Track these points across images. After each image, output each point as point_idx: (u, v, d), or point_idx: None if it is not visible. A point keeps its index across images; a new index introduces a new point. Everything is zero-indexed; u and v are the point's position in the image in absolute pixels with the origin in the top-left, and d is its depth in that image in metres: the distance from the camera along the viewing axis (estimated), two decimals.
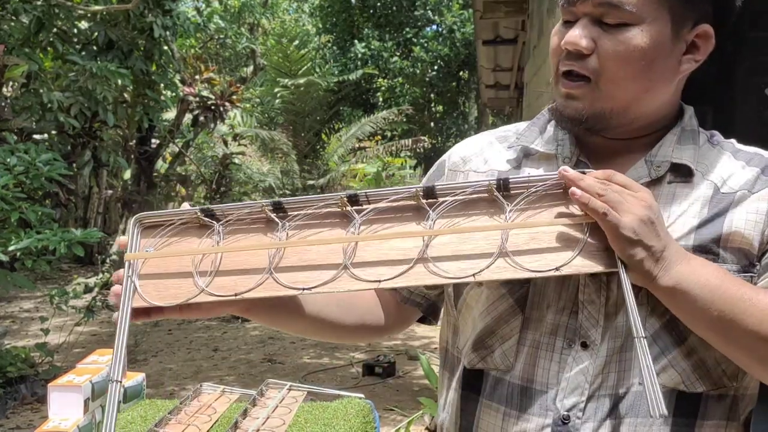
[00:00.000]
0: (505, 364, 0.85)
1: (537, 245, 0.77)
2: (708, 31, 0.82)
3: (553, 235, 0.77)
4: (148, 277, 0.82)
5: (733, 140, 0.91)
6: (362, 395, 1.60)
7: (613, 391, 0.80)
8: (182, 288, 0.81)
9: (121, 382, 0.78)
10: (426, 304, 1.02)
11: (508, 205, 0.78)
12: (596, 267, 0.75)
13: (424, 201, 0.80)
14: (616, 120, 0.82)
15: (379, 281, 0.78)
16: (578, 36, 0.79)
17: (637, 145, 0.85)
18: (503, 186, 0.78)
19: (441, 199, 0.80)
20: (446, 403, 0.94)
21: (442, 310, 1.03)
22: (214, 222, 0.83)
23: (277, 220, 0.82)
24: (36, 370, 4.59)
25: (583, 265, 0.75)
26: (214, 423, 1.41)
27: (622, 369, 0.80)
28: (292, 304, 0.91)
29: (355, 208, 0.81)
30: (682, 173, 0.83)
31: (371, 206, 0.81)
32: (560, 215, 0.78)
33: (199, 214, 0.83)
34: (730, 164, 0.85)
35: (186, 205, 0.85)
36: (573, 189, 0.74)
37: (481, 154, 0.94)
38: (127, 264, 0.80)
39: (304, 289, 0.79)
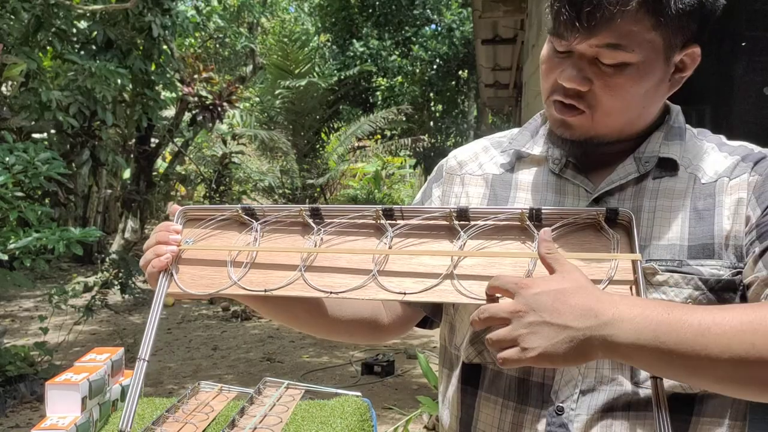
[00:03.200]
0: None
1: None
2: (696, 51, 0.84)
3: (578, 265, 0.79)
4: (186, 263, 0.86)
5: (721, 136, 0.92)
6: (359, 393, 1.61)
7: (607, 386, 0.82)
8: (215, 279, 0.85)
9: (147, 360, 0.82)
10: (430, 305, 1.04)
11: (537, 234, 0.79)
12: None
13: (456, 222, 0.83)
14: (608, 140, 0.86)
15: (405, 293, 0.80)
16: (576, 77, 0.80)
17: (625, 145, 0.88)
18: (535, 215, 0.81)
19: (473, 222, 0.83)
20: (446, 398, 0.97)
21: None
22: (253, 220, 0.88)
23: (313, 224, 0.86)
24: (35, 368, 4.60)
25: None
26: (212, 421, 1.42)
27: (617, 365, 0.82)
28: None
29: (389, 221, 0.85)
30: (668, 168, 0.86)
31: (404, 222, 0.85)
32: (587, 249, 0.79)
33: (240, 211, 0.87)
34: (713, 156, 0.87)
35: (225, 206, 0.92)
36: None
37: (476, 158, 0.98)
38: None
39: (331, 292, 0.81)
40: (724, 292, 0.79)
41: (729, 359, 0.66)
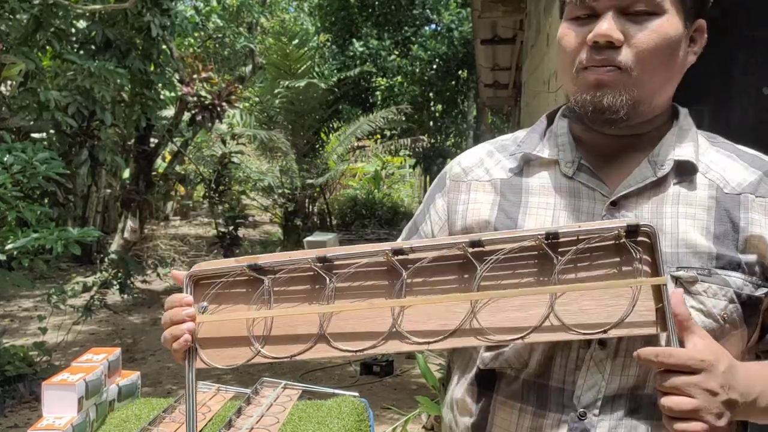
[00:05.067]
0: (519, 362, 0.85)
1: (583, 303, 0.77)
2: (704, 25, 0.86)
3: (602, 294, 0.76)
4: (206, 334, 0.85)
5: (732, 143, 0.92)
6: (357, 393, 1.61)
7: (631, 392, 0.80)
8: (239, 350, 0.84)
9: None
10: None
11: (557, 259, 0.77)
12: (645, 329, 0.75)
13: (470, 254, 0.80)
14: (643, 109, 0.82)
15: (429, 342, 0.79)
16: (610, 29, 0.78)
17: (636, 145, 0.86)
18: (552, 238, 0.77)
19: (488, 251, 0.79)
20: (455, 401, 0.94)
21: None
22: (263, 278, 0.84)
23: (324, 275, 0.83)
24: (34, 368, 4.59)
25: (631, 326, 0.76)
26: (209, 421, 1.41)
27: (642, 372, 0.80)
28: None
29: (398, 258, 0.81)
30: (686, 171, 0.84)
31: (416, 264, 0.80)
32: (610, 274, 0.77)
33: (246, 270, 0.84)
34: (731, 164, 0.86)
35: (231, 262, 0.86)
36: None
37: (482, 164, 0.94)
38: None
39: (356, 351, 0.81)
40: (748, 308, 0.80)
41: None
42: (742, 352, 0.84)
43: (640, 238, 0.76)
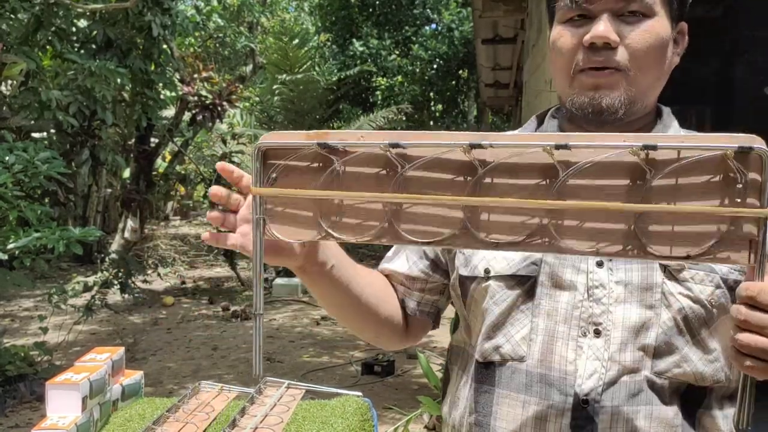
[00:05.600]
0: (518, 354, 0.87)
1: (672, 223, 0.68)
2: (685, 28, 0.90)
3: (693, 216, 0.68)
4: (274, 210, 0.80)
5: None
6: (360, 393, 1.61)
7: (629, 377, 0.83)
8: (306, 225, 0.80)
9: (262, 314, 0.80)
10: (435, 312, 1.05)
11: (650, 172, 0.68)
12: (736, 260, 0.67)
13: (555, 159, 0.70)
14: (636, 108, 0.85)
15: (498, 243, 0.72)
16: (607, 30, 0.81)
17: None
18: (650, 149, 0.67)
19: (575, 160, 0.70)
20: (458, 399, 0.96)
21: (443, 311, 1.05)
22: (334, 158, 0.78)
23: (398, 162, 0.75)
24: (35, 368, 4.59)
25: (719, 255, 0.68)
26: (212, 421, 1.41)
27: (638, 358, 0.83)
28: (347, 274, 0.92)
29: (477, 154, 0.72)
30: None
31: (493, 162, 0.72)
32: (706, 198, 0.67)
33: (317, 148, 0.77)
34: None
35: (301, 135, 0.80)
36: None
37: None
38: (255, 199, 0.78)
39: (423, 242, 0.75)
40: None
41: None
42: None
43: (753, 158, 0.66)
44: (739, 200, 0.67)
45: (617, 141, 0.68)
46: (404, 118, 10.64)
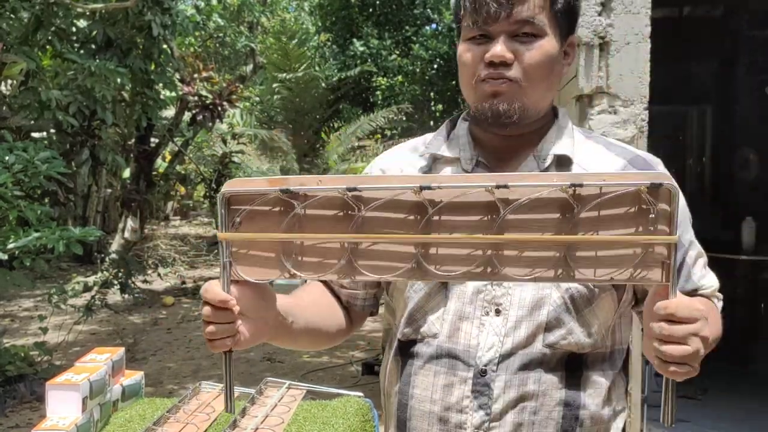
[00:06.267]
0: (432, 332, 1.02)
1: (600, 252, 0.79)
2: (575, 41, 1.04)
3: (613, 243, 0.78)
4: (240, 253, 0.87)
5: (604, 136, 1.10)
6: (361, 394, 1.60)
7: (522, 350, 0.97)
8: (271, 266, 0.87)
9: (232, 350, 0.92)
10: (376, 302, 1.18)
11: (577, 206, 0.78)
12: (649, 280, 0.78)
13: (496, 197, 0.79)
14: (529, 114, 0.99)
15: (450, 275, 0.82)
16: (503, 50, 0.95)
17: (524, 143, 1.02)
18: (576, 187, 0.78)
19: (521, 191, 0.79)
20: (386, 371, 1.10)
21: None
22: (294, 202, 0.85)
23: (355, 205, 0.83)
24: (35, 368, 4.59)
25: (636, 276, 0.78)
26: (213, 422, 1.41)
27: (531, 333, 0.97)
28: (289, 320, 1.02)
29: (427, 195, 0.81)
30: (564, 163, 1.01)
31: (444, 201, 0.80)
32: (626, 226, 0.78)
33: (279, 194, 0.85)
34: (602, 155, 1.03)
35: (263, 182, 0.87)
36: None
37: (397, 164, 1.11)
38: (222, 244, 0.86)
39: (381, 277, 0.84)
40: None
41: (717, 338, 0.95)
42: (616, 312, 1.02)
43: (662, 193, 0.77)
44: (652, 228, 0.77)
45: (549, 181, 0.78)
46: (404, 118, 10.63)
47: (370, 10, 11.99)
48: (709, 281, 1.04)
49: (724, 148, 5.11)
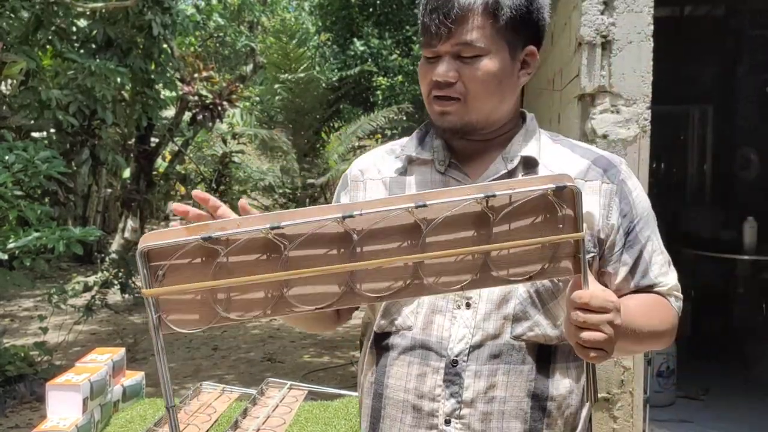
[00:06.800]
0: (407, 324, 1.06)
1: (514, 254, 0.87)
2: (533, 50, 1.07)
3: (528, 243, 0.87)
4: (168, 306, 0.87)
5: (570, 139, 1.15)
6: None
7: (491, 341, 1.02)
8: (202, 313, 0.87)
9: (175, 406, 0.88)
10: None
11: (492, 215, 0.86)
12: (563, 275, 0.88)
13: (417, 216, 0.85)
14: (481, 126, 1.05)
15: (380, 296, 0.86)
16: (445, 70, 1.02)
17: (493, 145, 1.08)
18: (488, 198, 0.86)
19: (438, 209, 0.86)
20: (363, 364, 1.14)
21: None
22: (219, 248, 0.84)
23: (279, 243, 0.85)
24: (35, 369, 4.58)
25: (552, 271, 0.88)
26: (214, 422, 1.40)
27: (499, 326, 1.02)
28: None
29: (350, 222, 0.85)
30: (530, 165, 1.06)
31: (366, 228, 0.85)
32: (537, 228, 0.86)
33: (201, 241, 0.84)
34: (568, 156, 1.08)
35: (176, 224, 0.87)
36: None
37: (375, 165, 1.16)
38: (149, 301, 0.85)
39: (314, 308, 0.86)
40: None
41: (652, 333, 1.04)
42: None
43: (564, 196, 0.87)
44: (560, 226, 0.86)
45: (465, 194, 0.84)
46: (405, 118, 10.63)
47: (371, 9, 11.98)
48: (667, 279, 1.09)
49: (725, 148, 5.11)
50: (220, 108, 8.37)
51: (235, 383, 2.05)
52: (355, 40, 11.45)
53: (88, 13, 5.86)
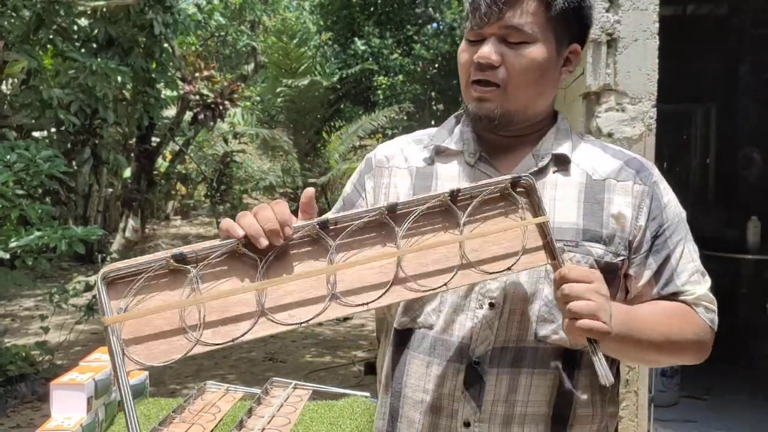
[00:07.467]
0: (428, 322, 1.03)
1: (489, 248, 0.91)
2: (578, 49, 1.05)
3: (499, 238, 0.92)
4: (134, 336, 0.77)
5: (601, 141, 1.14)
6: (368, 394, 1.59)
7: (515, 344, 0.99)
8: (173, 343, 0.78)
9: None
10: None
11: (461, 214, 0.90)
12: (540, 262, 0.92)
13: (388, 218, 0.88)
14: (517, 118, 1.02)
15: (367, 303, 0.85)
16: (489, 52, 0.98)
17: (524, 142, 1.06)
18: (456, 195, 0.91)
19: (407, 211, 0.89)
20: (382, 361, 1.11)
21: None
22: (189, 268, 0.79)
23: (253, 256, 0.82)
24: (36, 368, 4.57)
25: (529, 261, 0.91)
26: (219, 422, 1.39)
27: (523, 327, 0.99)
28: None
29: (325, 230, 0.86)
30: (562, 162, 1.04)
31: (343, 231, 0.86)
32: (503, 220, 0.92)
33: (170, 260, 0.79)
34: (599, 156, 1.06)
35: (148, 258, 0.80)
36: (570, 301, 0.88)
37: (402, 153, 1.12)
38: (108, 330, 0.76)
39: (300, 322, 0.82)
40: (607, 272, 0.98)
41: (666, 342, 0.98)
42: None
43: (520, 189, 0.94)
44: (522, 218, 0.92)
45: (432, 196, 0.90)
46: (405, 118, 10.62)
47: (372, 9, 11.97)
48: (696, 289, 1.03)
49: (728, 148, 5.09)
50: (221, 107, 8.37)
51: (236, 383, 2.03)
52: (356, 39, 11.44)
53: (89, 12, 5.85)
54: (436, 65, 11.62)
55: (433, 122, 13.32)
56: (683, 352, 1.03)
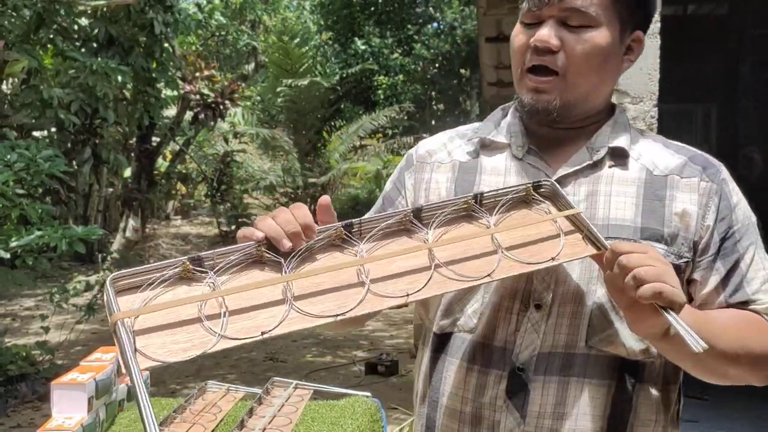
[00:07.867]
0: (469, 326, 0.95)
1: (529, 241, 0.86)
2: (641, 37, 0.96)
3: (536, 232, 0.87)
4: (146, 333, 0.71)
5: (661, 136, 1.04)
6: (369, 394, 1.58)
7: (563, 350, 0.90)
8: (194, 338, 0.72)
9: None
10: None
11: (486, 214, 0.88)
12: (584, 253, 0.86)
13: (414, 221, 0.86)
14: (577, 109, 0.94)
15: (408, 295, 0.80)
16: (548, 35, 0.90)
17: (577, 135, 0.97)
18: (480, 199, 0.88)
19: (431, 214, 0.87)
20: (420, 369, 1.04)
21: None
22: (207, 270, 0.75)
23: (276, 258, 0.78)
24: (37, 368, 4.57)
25: (572, 253, 0.86)
26: (220, 422, 1.39)
27: (573, 332, 0.90)
28: None
29: (352, 236, 0.84)
30: (619, 156, 0.96)
31: (370, 233, 0.84)
32: (527, 219, 0.89)
33: (187, 263, 0.74)
34: (660, 151, 0.97)
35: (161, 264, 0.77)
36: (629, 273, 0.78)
37: (445, 148, 1.06)
38: (118, 324, 0.69)
39: (337, 315, 0.76)
40: None
41: (742, 351, 0.87)
42: None
43: (544, 191, 0.91)
44: (547, 213, 0.89)
45: (457, 200, 0.89)
46: (406, 117, 10.62)
47: (372, 8, 11.96)
48: (767, 298, 0.92)
49: (728, 147, 5.10)
50: (221, 107, 8.37)
51: (237, 383, 2.04)
52: (356, 39, 11.44)
53: (89, 11, 5.85)
54: (437, 65, 11.62)
55: (433, 122, 13.33)
56: (759, 367, 0.90)
